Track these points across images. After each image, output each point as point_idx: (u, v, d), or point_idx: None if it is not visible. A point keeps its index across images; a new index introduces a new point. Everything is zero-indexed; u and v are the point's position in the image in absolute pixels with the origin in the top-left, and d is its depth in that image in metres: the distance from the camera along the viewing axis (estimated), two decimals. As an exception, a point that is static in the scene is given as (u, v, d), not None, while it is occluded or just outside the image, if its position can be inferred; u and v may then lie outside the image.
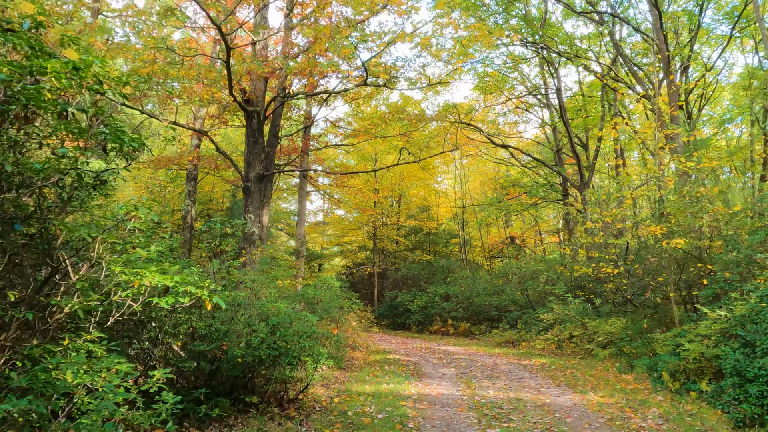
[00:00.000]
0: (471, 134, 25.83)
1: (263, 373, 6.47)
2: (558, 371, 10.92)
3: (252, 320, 6.65)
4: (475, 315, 20.39)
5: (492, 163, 35.46)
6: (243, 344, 6.24)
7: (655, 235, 9.42)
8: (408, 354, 14.11)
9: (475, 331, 19.63)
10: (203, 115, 17.18)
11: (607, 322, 12.69)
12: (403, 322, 23.00)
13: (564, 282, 16.74)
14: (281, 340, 6.36)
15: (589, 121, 24.09)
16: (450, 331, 20.43)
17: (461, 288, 21.41)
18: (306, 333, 6.59)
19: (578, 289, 16.72)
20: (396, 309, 23.63)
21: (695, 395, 7.67)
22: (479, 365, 11.99)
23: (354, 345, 13.50)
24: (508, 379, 10.08)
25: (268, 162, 14.38)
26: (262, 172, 13.90)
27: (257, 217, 13.84)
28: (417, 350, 15.16)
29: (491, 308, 19.91)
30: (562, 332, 14.53)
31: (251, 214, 13.78)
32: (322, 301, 12.16)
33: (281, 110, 14.80)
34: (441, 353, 14.36)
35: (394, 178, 27.68)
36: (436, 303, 21.60)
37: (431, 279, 25.26)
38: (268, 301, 7.30)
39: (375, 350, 14.42)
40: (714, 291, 8.82)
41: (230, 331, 6.19)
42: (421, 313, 21.83)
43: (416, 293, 23.15)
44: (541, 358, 13.09)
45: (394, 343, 17.41)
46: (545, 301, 17.69)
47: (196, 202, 20.03)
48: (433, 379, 10.00)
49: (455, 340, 18.79)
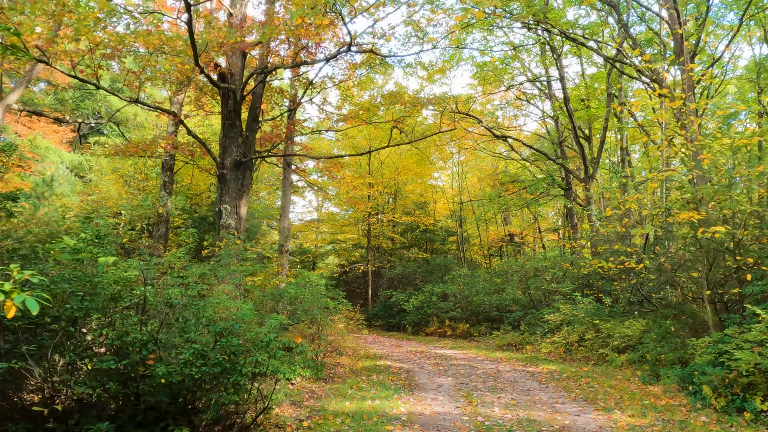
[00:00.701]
0: (469, 127, 24.28)
1: (202, 395, 4.88)
2: (571, 381, 9.34)
3: (188, 326, 5.06)
4: (474, 315, 18.81)
5: (490, 159, 33.93)
6: (178, 358, 4.67)
7: (690, 222, 7.85)
8: (401, 359, 12.53)
9: (474, 332, 18.05)
10: (181, 101, 15.59)
11: (623, 324, 11.12)
12: (397, 323, 21.41)
13: (570, 279, 15.18)
14: (225, 352, 4.78)
15: (592, 112, 22.54)
16: (447, 333, 18.84)
17: (459, 287, 19.82)
18: (262, 343, 5.00)
19: (586, 287, 15.16)
20: (390, 309, 22.04)
21: (750, 416, 6.09)
22: (480, 373, 10.40)
23: (339, 350, 11.92)
24: (514, 392, 8.50)
25: (247, 147, 12.79)
26: (239, 158, 12.32)
27: (234, 208, 12.26)
28: (411, 354, 13.57)
29: (491, 308, 18.33)
30: (571, 335, 12.95)
31: (227, 204, 12.19)
32: (304, 301, 10.59)
33: (261, 90, 13.21)
34: (437, 358, 12.78)
35: (389, 172, 26.11)
36: (433, 303, 20.01)
37: (428, 278, 23.68)
38: (217, 302, 5.70)
39: (365, 355, 12.83)
40: (762, 288, 7.26)
41: (159, 341, 4.60)
42: (416, 314, 20.24)
43: (412, 292, 21.56)
44: (548, 364, 11.51)
45: (387, 347, 15.83)
46: (550, 301, 16.12)
47: (177, 195, 18.47)
48: (427, 392, 8.41)
49: (453, 342, 17.20)
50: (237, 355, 4.87)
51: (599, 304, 12.90)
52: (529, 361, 12.07)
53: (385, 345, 16.37)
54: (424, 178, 29.87)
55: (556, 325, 13.78)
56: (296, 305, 10.73)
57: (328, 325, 10.77)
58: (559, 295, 14.50)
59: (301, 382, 8.18)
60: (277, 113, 14.29)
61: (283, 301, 9.84)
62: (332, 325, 11.80)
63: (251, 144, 13.07)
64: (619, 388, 8.43)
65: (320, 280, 11.96)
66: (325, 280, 12.42)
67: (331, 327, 11.15)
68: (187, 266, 8.34)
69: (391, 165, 26.42)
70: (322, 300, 11.03)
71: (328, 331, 10.94)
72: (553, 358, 12.55)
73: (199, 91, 14.21)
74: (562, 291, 14.41)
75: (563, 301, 14.42)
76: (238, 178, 12.40)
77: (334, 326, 11.90)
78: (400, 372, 10.36)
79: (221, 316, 5.32)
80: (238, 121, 12.42)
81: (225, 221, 12.09)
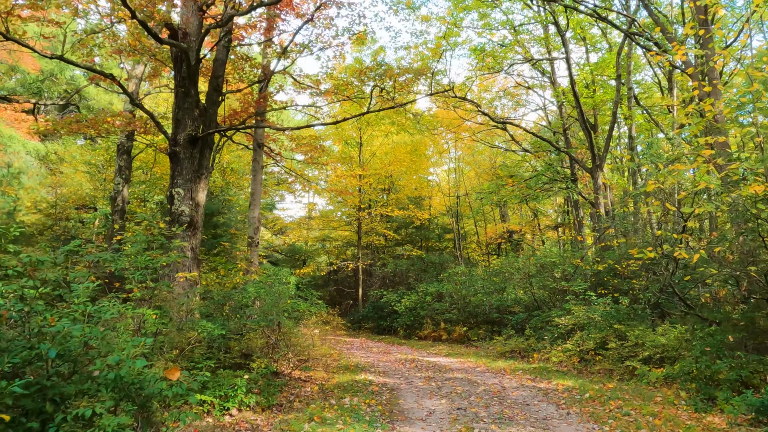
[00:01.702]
0: (466, 115, 22.14)
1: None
2: (597, 404, 7.17)
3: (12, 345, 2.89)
4: (472, 317, 16.64)
5: (488, 153, 31.80)
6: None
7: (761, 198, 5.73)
8: (387, 371, 10.35)
9: (472, 336, 15.87)
10: (140, 74, 13.42)
11: (654, 331, 8.97)
12: (389, 325, 19.23)
13: (581, 277, 13.03)
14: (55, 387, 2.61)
15: (598, 98, 20.42)
16: (443, 337, 16.66)
17: (456, 286, 17.65)
18: (107, 381, 2.84)
19: (599, 286, 13.00)
20: (381, 310, 19.86)
21: None
22: (481, 391, 8.23)
23: (312, 361, 9.74)
24: (528, 423, 6.33)
25: (207, 122, 10.62)
26: (194, 133, 10.14)
27: (188, 192, 10.08)
28: (400, 364, 11.40)
29: (491, 309, 16.17)
30: (585, 341, 10.79)
31: (180, 188, 10.01)
32: (265, 303, 8.44)
33: (225, 56, 11.05)
34: (430, 369, 10.61)
35: (380, 164, 23.91)
36: (427, 303, 17.84)
37: (422, 276, 21.51)
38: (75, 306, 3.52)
39: (344, 366, 10.65)
40: None
41: None
42: (409, 315, 18.06)
43: (404, 292, 19.38)
44: (563, 378, 9.33)
45: (374, 353, 13.65)
46: (556, 301, 13.97)
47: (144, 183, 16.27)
48: (413, 425, 6.23)
49: (449, 348, 15.03)
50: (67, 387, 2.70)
51: (620, 306, 10.73)
52: (539, 374, 9.89)
53: (372, 351, 14.18)
54: (419, 173, 27.71)
55: (567, 330, 11.62)
56: (250, 308, 8.59)
57: (294, 333, 8.59)
58: (571, 294, 12.35)
59: (244, 413, 6.00)
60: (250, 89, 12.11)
61: (233, 303, 7.67)
62: (303, 332, 9.62)
63: (212, 119, 10.89)
64: (666, 417, 6.26)
65: (290, 278, 9.79)
66: (297, 278, 10.27)
67: (300, 335, 8.97)
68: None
69: (383, 157, 24.26)
70: (288, 302, 8.86)
71: (297, 340, 8.75)
72: (565, 369, 10.38)
73: (156, 62, 12.02)
74: (574, 290, 12.26)
75: (575, 302, 12.26)
76: (193, 156, 10.22)
77: (305, 333, 9.71)
78: (382, 391, 8.18)
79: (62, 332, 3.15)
80: (193, 89, 10.24)
81: (177, 208, 9.91)
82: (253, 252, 11.88)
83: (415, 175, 27.72)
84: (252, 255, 11.85)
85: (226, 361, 6.99)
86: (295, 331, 8.66)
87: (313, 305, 9.60)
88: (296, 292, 10.03)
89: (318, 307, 9.71)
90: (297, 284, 10.12)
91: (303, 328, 10.14)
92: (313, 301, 9.64)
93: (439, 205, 31.79)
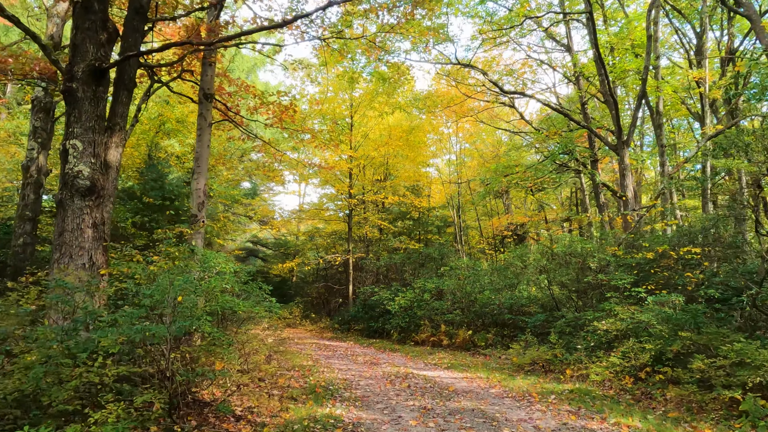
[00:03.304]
0: (470, 92, 19.03)
1: None
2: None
3: None
4: (478, 318, 13.52)
5: (491, 141, 28.68)
6: None
7: None
8: (366, 396, 7.22)
9: (478, 341, 12.74)
10: (62, 12, 10.31)
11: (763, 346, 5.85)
12: (381, 327, 16.10)
13: (624, 269, 9.87)
14: None
15: (621, 66, 17.27)
16: (443, 342, 13.53)
17: (459, 281, 14.54)
18: None
19: (642, 280, 9.85)
20: (372, 310, 16.74)
21: None
22: (506, 439, 5.12)
23: (256, 383, 6.58)
24: None
25: (126, 46, 7.53)
26: (98, 64, 7.04)
27: (90, 146, 6.98)
28: (387, 383, 8.27)
29: (502, 309, 13.04)
30: (641, 354, 7.67)
31: (77, 140, 6.91)
32: (179, 306, 5.32)
33: (150, -32, 7.95)
34: (427, 392, 7.48)
35: (372, 146, 20.76)
36: (425, 302, 14.72)
37: (419, 271, 18.38)
38: None
39: (311, 386, 7.52)
40: None
41: None
42: (403, 316, 14.93)
43: (399, 289, 16.26)
44: (621, 412, 6.20)
45: (358, 365, 10.53)
46: (588, 299, 10.86)
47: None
48: None
49: (451, 356, 11.90)
50: None
51: (694, 307, 7.58)
52: (581, 402, 6.76)
53: (357, 361, 11.05)
54: (418, 160, 24.55)
55: (611, 337, 8.49)
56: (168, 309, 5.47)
57: (224, 344, 5.46)
58: (613, 291, 9.23)
59: None
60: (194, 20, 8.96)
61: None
62: (248, 340, 6.50)
63: (134, 42, 7.78)
64: None
65: (229, 266, 6.65)
66: (239, 266, 7.17)
67: (234, 349, 5.85)
68: None
69: (377, 139, 21.12)
70: (219, 300, 5.77)
71: (229, 357, 5.63)
72: (613, 394, 7.23)
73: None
74: (616, 284, 9.13)
75: (617, 300, 9.14)
76: (98, 98, 7.12)
77: (248, 343, 6.57)
78: (350, 439, 5.08)
79: None
80: (98, 3, 7.14)
81: (73, 167, 6.81)
82: (196, 234, 8.76)
83: (413, 165, 24.63)
84: (195, 237, 8.74)
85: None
86: (224, 342, 5.53)
87: (260, 305, 6.48)
88: (240, 287, 6.92)
89: (267, 307, 6.57)
90: (253, 277, 6.98)
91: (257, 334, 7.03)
92: (263, 297, 6.52)
93: (439, 198, 28.68)
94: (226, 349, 5.46)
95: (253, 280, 7.22)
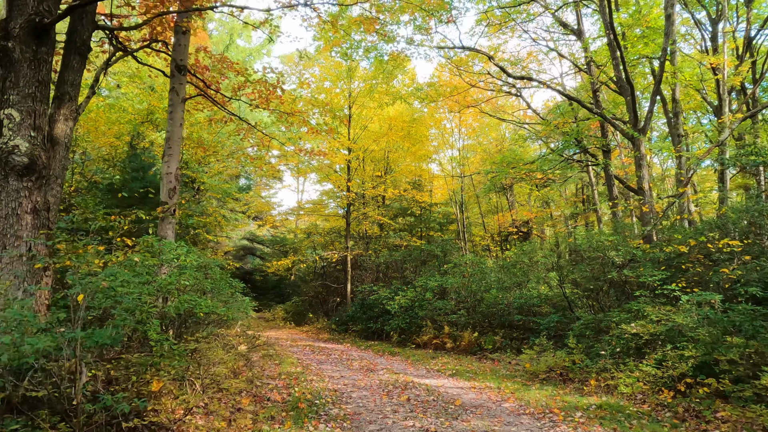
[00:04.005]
0: (474, 81, 17.83)
1: None
2: None
3: None
4: (485, 319, 12.32)
5: (495, 136, 27.44)
6: None
7: None
8: (357, 413, 6.03)
9: (485, 344, 11.53)
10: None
11: None
12: (379, 328, 14.90)
13: (651, 264, 8.64)
14: None
15: (635, 52, 16.03)
16: (447, 345, 12.32)
17: (464, 279, 13.34)
18: None
19: (674, 278, 8.63)
20: (370, 310, 15.54)
21: None
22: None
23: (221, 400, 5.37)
24: None
25: (76, 16, 6.37)
26: (41, 19, 5.87)
27: (29, 117, 5.82)
28: (383, 395, 7.08)
29: (511, 309, 11.83)
30: (678, 363, 6.47)
31: (13, 109, 5.75)
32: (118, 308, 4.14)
33: None
34: (430, 408, 6.29)
35: (371, 137, 19.57)
36: (427, 301, 13.52)
37: (421, 270, 17.17)
38: None
39: (295, 400, 6.33)
40: None
41: None
42: (404, 317, 13.73)
43: (399, 288, 15.07)
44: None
45: (352, 371, 9.34)
46: (601, 299, 9.66)
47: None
48: None
49: (456, 361, 10.69)
50: None
51: (745, 308, 6.36)
52: (618, 423, 5.55)
53: (352, 367, 9.86)
54: (419, 154, 23.32)
55: (642, 342, 7.27)
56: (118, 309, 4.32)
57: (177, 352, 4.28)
58: (641, 289, 8.01)
59: None
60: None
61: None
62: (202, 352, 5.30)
63: (90, 12, 6.63)
64: None
65: (189, 258, 5.50)
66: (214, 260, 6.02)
67: (188, 361, 4.65)
68: None
69: (376, 131, 19.92)
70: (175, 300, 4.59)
71: (178, 372, 4.43)
72: (649, 410, 6.02)
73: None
74: (645, 281, 7.92)
75: (645, 299, 7.93)
76: (40, 60, 5.95)
77: (211, 350, 5.36)
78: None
79: None
80: (40, -53, 5.97)
81: (8, 142, 5.66)
82: (166, 224, 7.57)
83: (414, 159, 23.44)
84: (164, 228, 7.56)
85: None
86: (175, 353, 4.34)
87: (229, 305, 5.29)
88: (210, 284, 5.73)
89: (238, 307, 5.38)
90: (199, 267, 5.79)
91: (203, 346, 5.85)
92: (227, 295, 5.33)
93: (441, 195, 27.48)
94: (180, 361, 4.27)
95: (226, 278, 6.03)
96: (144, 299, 4.38)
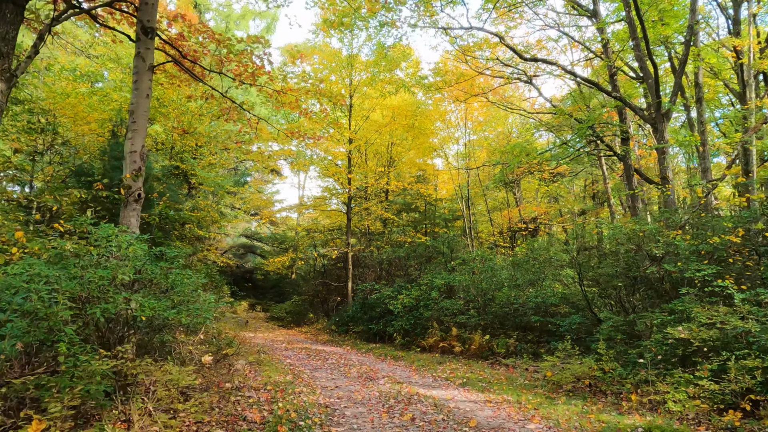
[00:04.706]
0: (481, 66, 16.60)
1: None
2: None
3: None
4: (497, 320, 11.09)
5: (502, 129, 26.19)
6: None
7: None
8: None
9: (498, 348, 10.30)
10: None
11: None
12: (381, 329, 13.69)
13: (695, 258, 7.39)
14: None
15: (658, 31, 14.75)
16: (455, 348, 11.10)
17: (473, 276, 12.12)
18: None
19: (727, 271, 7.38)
20: (372, 310, 14.35)
21: None
22: None
23: None
24: None
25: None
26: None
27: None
28: (382, 411, 5.89)
29: (527, 309, 10.60)
30: (740, 376, 5.24)
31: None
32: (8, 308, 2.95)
33: None
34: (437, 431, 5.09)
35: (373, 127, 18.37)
36: (433, 301, 12.31)
37: (426, 267, 15.97)
38: None
39: (277, 418, 5.16)
40: None
41: None
42: (408, 317, 12.53)
43: (402, 286, 13.88)
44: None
45: (349, 379, 8.15)
46: (628, 298, 8.42)
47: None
48: None
49: (466, 367, 9.47)
50: None
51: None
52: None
53: (349, 375, 8.67)
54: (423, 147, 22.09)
55: (693, 349, 6.03)
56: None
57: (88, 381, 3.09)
58: (687, 286, 6.77)
59: None
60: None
61: None
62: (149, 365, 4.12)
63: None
64: None
65: (135, 246, 4.29)
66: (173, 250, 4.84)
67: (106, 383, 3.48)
68: None
69: (379, 121, 18.73)
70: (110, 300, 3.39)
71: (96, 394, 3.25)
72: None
73: None
74: (690, 277, 6.68)
75: (693, 298, 6.69)
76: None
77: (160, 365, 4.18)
78: None
79: None
80: None
81: None
82: (129, 212, 6.42)
83: (419, 153, 22.22)
84: (127, 215, 6.40)
85: None
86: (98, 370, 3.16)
87: (182, 307, 4.10)
88: (166, 280, 4.56)
89: (196, 309, 4.19)
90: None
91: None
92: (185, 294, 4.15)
93: (447, 191, 26.24)
94: (98, 384, 3.09)
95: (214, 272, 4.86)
96: (59, 299, 3.21)
